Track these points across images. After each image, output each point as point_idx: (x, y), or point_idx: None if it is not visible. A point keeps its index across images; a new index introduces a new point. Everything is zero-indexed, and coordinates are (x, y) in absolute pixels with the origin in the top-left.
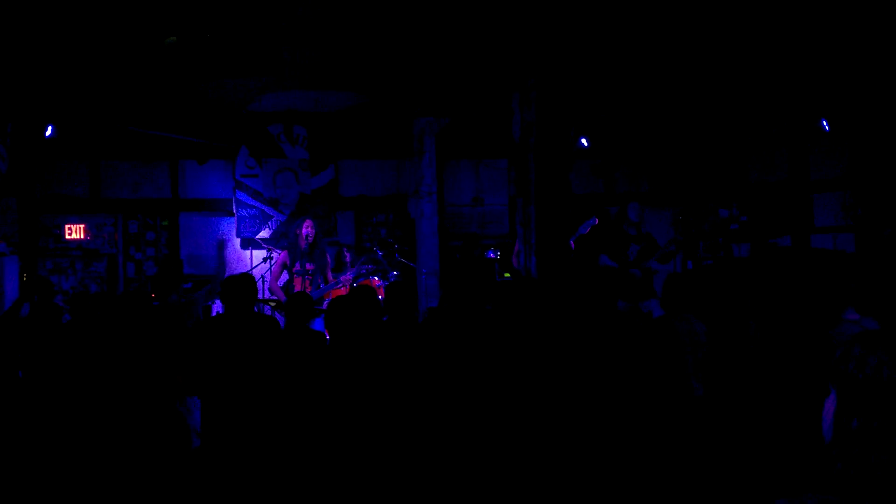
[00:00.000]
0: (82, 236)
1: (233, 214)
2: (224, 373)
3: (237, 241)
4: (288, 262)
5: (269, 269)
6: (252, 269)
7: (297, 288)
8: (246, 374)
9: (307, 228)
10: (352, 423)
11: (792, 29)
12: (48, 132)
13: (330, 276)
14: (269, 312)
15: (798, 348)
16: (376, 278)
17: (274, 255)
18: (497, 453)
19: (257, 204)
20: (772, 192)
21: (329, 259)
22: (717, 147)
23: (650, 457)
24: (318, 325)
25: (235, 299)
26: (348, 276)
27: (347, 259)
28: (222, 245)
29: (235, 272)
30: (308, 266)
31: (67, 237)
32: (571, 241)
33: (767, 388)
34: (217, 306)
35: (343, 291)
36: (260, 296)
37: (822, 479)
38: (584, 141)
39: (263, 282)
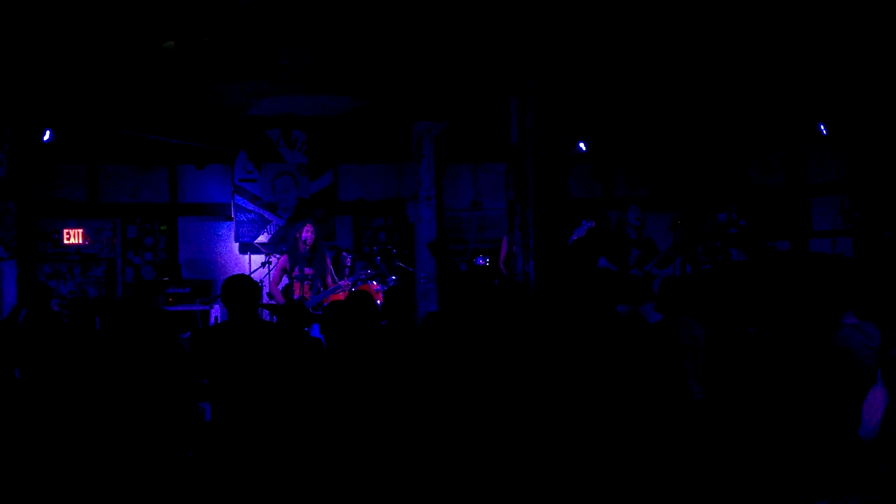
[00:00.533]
0: (81, 241)
1: (231, 219)
2: (224, 379)
3: (236, 246)
4: (287, 267)
5: (268, 273)
6: (251, 273)
7: (297, 292)
8: (246, 381)
9: (307, 233)
10: (349, 427)
11: (789, 33)
12: (46, 136)
13: (329, 280)
14: (266, 317)
15: (798, 352)
16: (375, 283)
17: (273, 259)
18: (495, 457)
19: (256, 208)
20: (770, 196)
21: (328, 263)
22: (715, 151)
23: (649, 461)
24: (315, 330)
25: (237, 301)
26: (347, 282)
27: (348, 263)
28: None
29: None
30: (307, 271)
31: (66, 241)
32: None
33: (767, 392)
34: (215, 311)
35: (341, 296)
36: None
37: (863, 478)
38: (582, 145)
39: (262, 286)
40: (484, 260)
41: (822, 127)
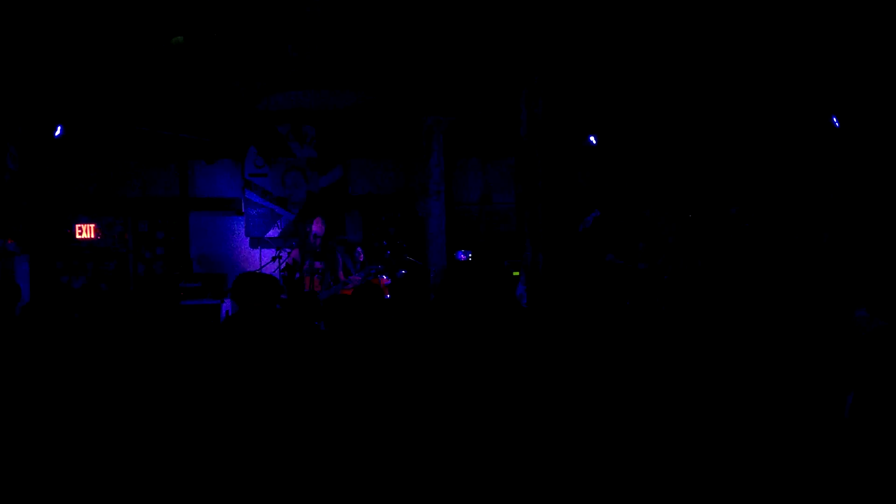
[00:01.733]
0: (93, 236)
1: (242, 213)
2: (231, 372)
3: (247, 240)
4: (298, 261)
5: (278, 268)
6: (261, 267)
7: (307, 287)
8: (252, 373)
9: (317, 226)
10: (351, 420)
11: (803, 26)
12: (58, 132)
13: (340, 274)
14: None
15: (812, 346)
16: (384, 277)
17: (283, 254)
18: (504, 447)
19: (266, 203)
20: (779, 192)
21: (339, 257)
22: (726, 144)
23: (657, 451)
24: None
25: (247, 298)
26: (358, 277)
27: (361, 258)
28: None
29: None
30: (317, 265)
31: (78, 236)
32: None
33: (779, 385)
34: (226, 305)
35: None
36: None
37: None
38: (592, 138)
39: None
40: (465, 255)
41: (835, 120)
